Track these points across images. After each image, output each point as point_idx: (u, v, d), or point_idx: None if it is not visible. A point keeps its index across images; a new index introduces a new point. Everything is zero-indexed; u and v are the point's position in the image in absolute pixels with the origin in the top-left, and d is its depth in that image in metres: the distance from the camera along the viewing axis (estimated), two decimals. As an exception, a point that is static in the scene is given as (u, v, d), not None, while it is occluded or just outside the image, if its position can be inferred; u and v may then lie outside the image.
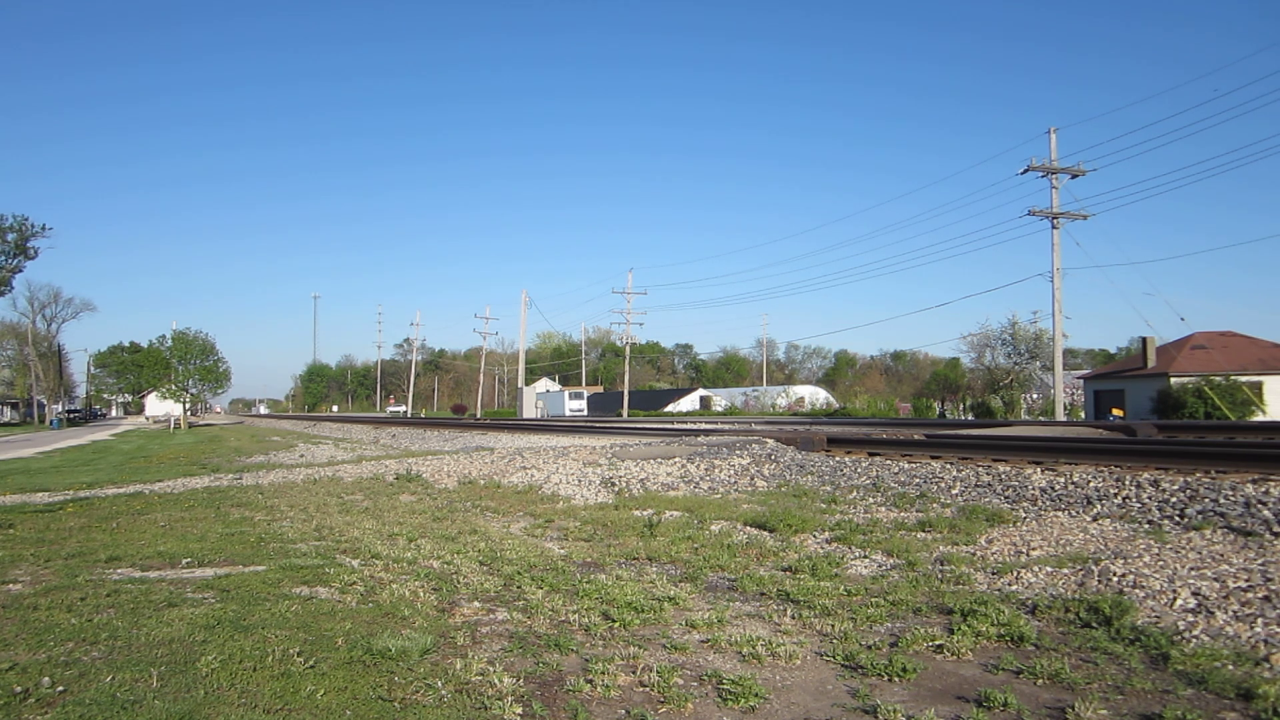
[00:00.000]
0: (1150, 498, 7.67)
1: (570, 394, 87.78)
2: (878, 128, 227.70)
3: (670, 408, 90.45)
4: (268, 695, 3.75)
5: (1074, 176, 37.66)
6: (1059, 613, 4.88)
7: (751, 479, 11.42)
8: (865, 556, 6.63)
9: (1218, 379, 38.10)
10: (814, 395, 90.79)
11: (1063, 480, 8.79)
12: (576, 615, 5.12)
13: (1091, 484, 8.46)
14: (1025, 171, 37.50)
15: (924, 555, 6.46)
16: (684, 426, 31.13)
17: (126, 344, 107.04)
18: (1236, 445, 10.76)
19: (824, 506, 8.97)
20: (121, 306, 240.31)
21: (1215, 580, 5.16)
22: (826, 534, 7.51)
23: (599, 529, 8.36)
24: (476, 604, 5.52)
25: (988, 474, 9.74)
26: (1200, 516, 6.83)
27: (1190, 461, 9.51)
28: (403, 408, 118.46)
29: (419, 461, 16.23)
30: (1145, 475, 8.58)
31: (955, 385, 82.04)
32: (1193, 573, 5.36)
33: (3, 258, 71.83)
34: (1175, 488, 7.83)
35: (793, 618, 5.03)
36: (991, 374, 61.43)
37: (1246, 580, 5.09)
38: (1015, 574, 5.74)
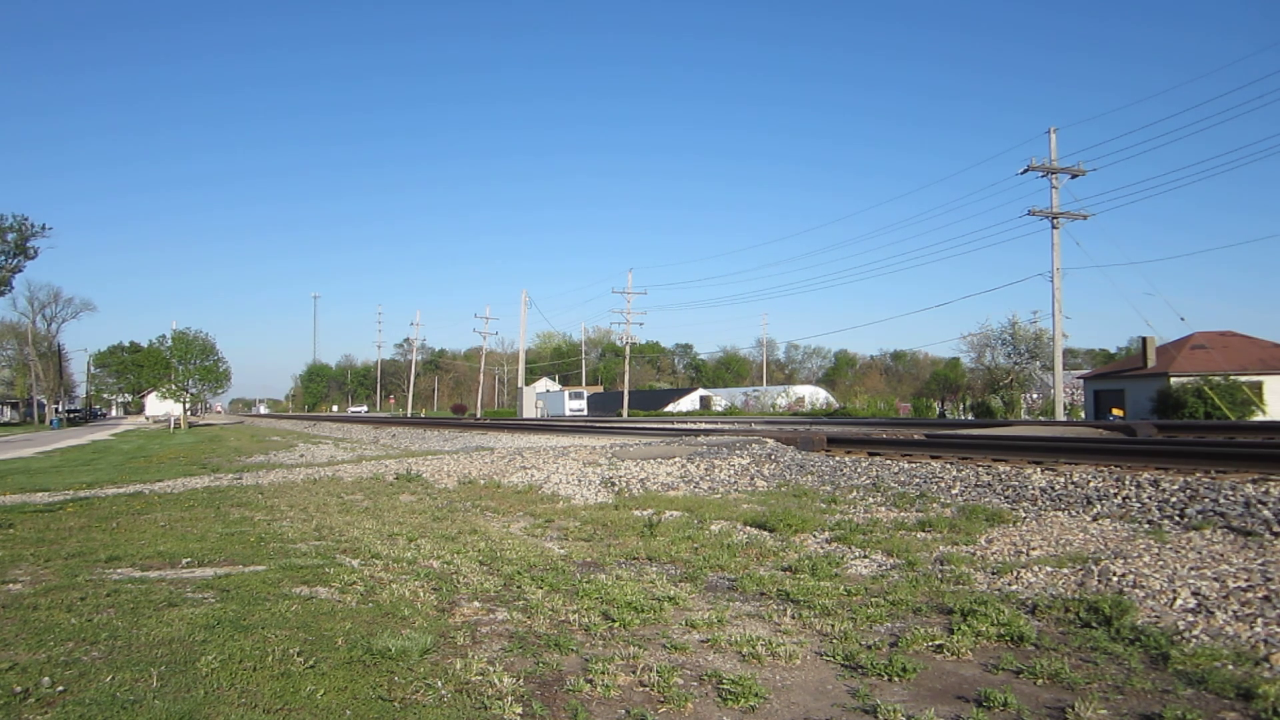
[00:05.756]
0: (1150, 498, 7.67)
1: (570, 394, 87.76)
2: (878, 128, 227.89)
3: (670, 408, 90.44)
4: (268, 695, 3.75)
5: (1074, 176, 37.66)
6: (1059, 613, 4.88)
7: (751, 479, 11.42)
8: (865, 556, 6.63)
9: (1218, 379, 38.09)
10: (814, 395, 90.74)
11: (1063, 480, 8.79)
12: (576, 615, 5.12)
13: (1091, 484, 8.46)
14: (1025, 171, 37.52)
15: (924, 555, 6.46)
16: (684, 426, 31.13)
17: (126, 344, 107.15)
18: (1236, 445, 10.75)
19: (824, 506, 8.96)
20: (121, 306, 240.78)
21: (1215, 580, 5.16)
22: (826, 534, 7.52)
23: (599, 529, 8.36)
24: (476, 604, 5.52)
25: (988, 474, 9.74)
26: (1200, 516, 6.83)
27: (1190, 461, 9.51)
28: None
29: (419, 461, 16.23)
30: (1145, 475, 8.58)
31: (955, 385, 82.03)
32: (1193, 573, 5.36)
33: (3, 258, 71.85)
34: (1175, 488, 7.83)
35: (793, 618, 5.03)
36: (991, 374, 61.43)
37: (1246, 580, 5.09)
38: (1015, 574, 5.74)
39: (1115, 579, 5.38)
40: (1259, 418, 35.46)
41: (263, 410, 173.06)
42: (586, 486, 11.71)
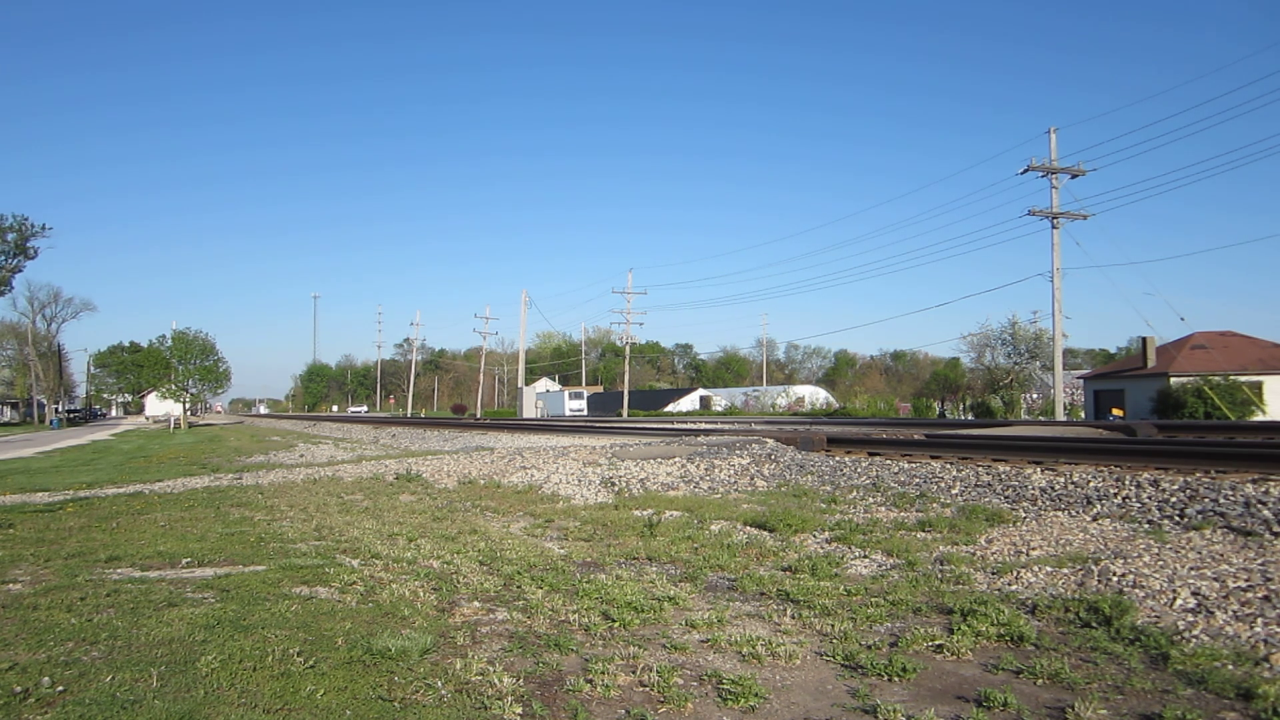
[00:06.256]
0: (1150, 498, 7.67)
1: (570, 394, 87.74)
2: (878, 128, 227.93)
3: (670, 408, 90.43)
4: (268, 695, 3.75)
5: (1074, 176, 37.66)
6: (1059, 612, 4.88)
7: (751, 479, 11.42)
8: (865, 556, 6.63)
9: (1217, 379, 38.09)
10: (814, 395, 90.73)
11: (1063, 480, 8.79)
12: (576, 615, 5.12)
13: (1091, 484, 8.46)
14: (1025, 171, 37.52)
15: (924, 555, 6.46)
16: (684, 426, 31.12)
17: (126, 344, 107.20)
18: (1236, 445, 10.75)
19: (824, 506, 8.96)
20: (121, 306, 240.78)
21: (1215, 580, 5.16)
22: (826, 534, 7.52)
23: (599, 529, 8.36)
24: (476, 604, 5.52)
25: (988, 474, 9.74)
26: (1200, 516, 6.83)
27: (1190, 461, 9.51)
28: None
29: (419, 461, 16.23)
30: (1145, 475, 8.58)
31: (955, 385, 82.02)
32: (1193, 572, 5.36)
33: (3, 258, 71.83)
34: (1175, 488, 7.83)
35: (793, 617, 5.03)
36: (991, 374, 61.44)
37: (1246, 580, 5.09)
38: (1015, 574, 5.74)
39: (1115, 579, 5.38)
40: (1259, 418, 35.45)
41: (263, 410, 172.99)
42: (586, 486, 11.71)
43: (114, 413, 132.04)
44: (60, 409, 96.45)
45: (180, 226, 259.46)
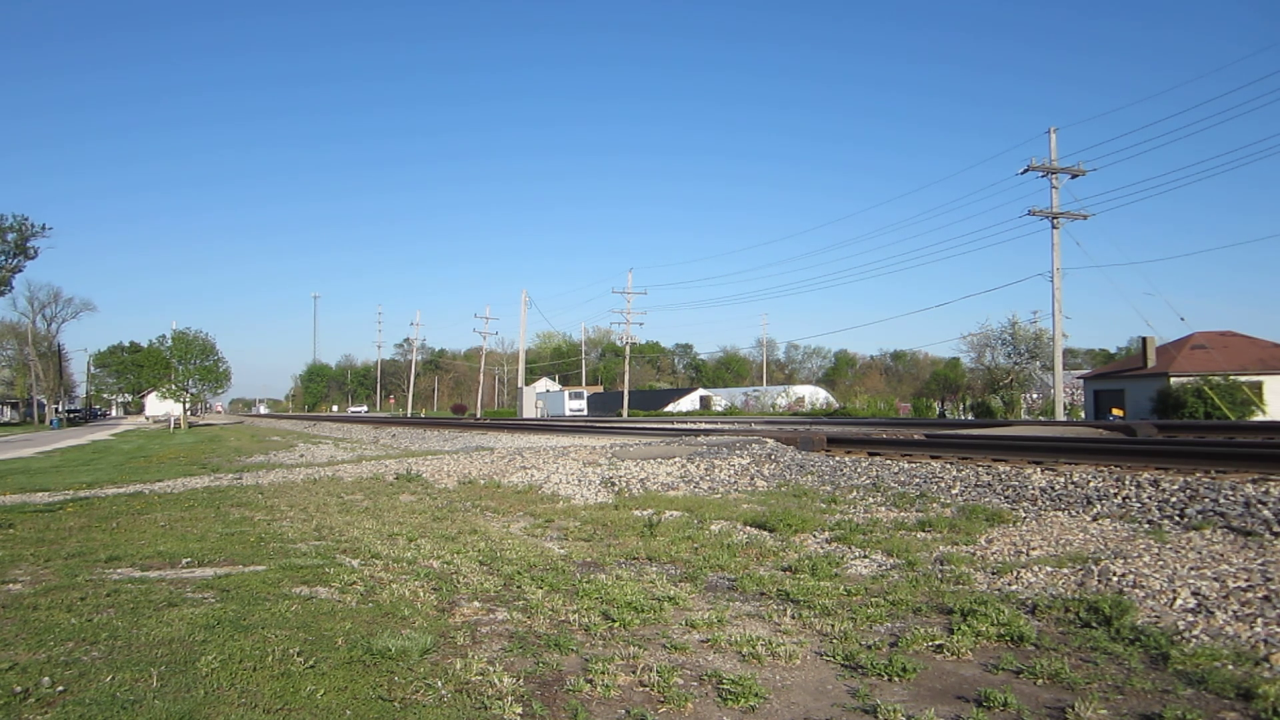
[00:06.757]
0: (1150, 498, 7.67)
1: (570, 394, 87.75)
2: (878, 128, 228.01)
3: (670, 408, 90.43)
4: (268, 695, 3.75)
5: (1074, 176, 37.67)
6: (1059, 612, 4.88)
7: (751, 479, 11.42)
8: (865, 556, 6.63)
9: (1217, 379, 38.09)
10: (814, 395, 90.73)
11: (1063, 480, 8.79)
12: (576, 615, 5.12)
13: (1091, 484, 8.46)
14: (1025, 171, 37.53)
15: (924, 555, 6.46)
16: (684, 426, 31.11)
17: (126, 344, 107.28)
18: (1236, 445, 10.75)
19: (824, 506, 8.96)
20: (121, 306, 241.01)
21: (1215, 580, 5.16)
22: (826, 534, 7.51)
23: (599, 529, 8.36)
24: (476, 604, 5.52)
25: (988, 474, 9.73)
26: (1200, 516, 6.83)
27: (1190, 461, 9.51)
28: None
29: (419, 461, 16.23)
30: (1145, 475, 8.58)
31: (955, 385, 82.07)
32: (1193, 572, 5.36)
33: (3, 258, 71.86)
34: (1175, 488, 7.83)
35: (793, 617, 5.03)
36: (991, 374, 61.45)
37: (1246, 580, 5.09)
38: (1015, 574, 5.74)
39: (1115, 579, 5.38)
40: (1259, 418, 35.45)
41: (263, 410, 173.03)
42: (586, 486, 11.71)
43: (114, 413, 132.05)
44: (60, 409, 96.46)
45: (180, 226, 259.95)
